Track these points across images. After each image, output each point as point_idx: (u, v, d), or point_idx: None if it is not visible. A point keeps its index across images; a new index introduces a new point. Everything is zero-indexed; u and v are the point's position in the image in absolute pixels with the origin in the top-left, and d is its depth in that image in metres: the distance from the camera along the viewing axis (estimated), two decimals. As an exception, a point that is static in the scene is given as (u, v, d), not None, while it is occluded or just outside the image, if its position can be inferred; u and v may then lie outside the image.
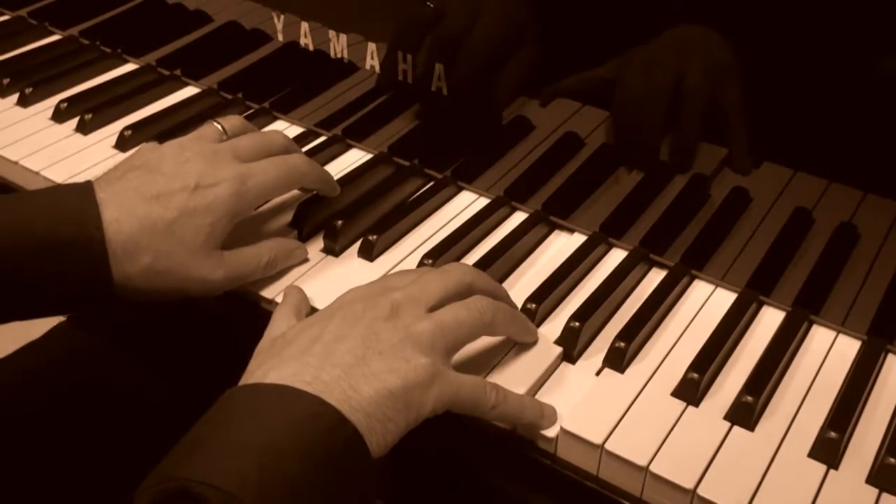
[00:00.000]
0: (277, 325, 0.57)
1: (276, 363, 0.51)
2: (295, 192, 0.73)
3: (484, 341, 0.59)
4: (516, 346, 0.59)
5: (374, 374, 0.50)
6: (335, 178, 0.75)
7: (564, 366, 0.59)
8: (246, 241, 0.65)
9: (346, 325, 0.52)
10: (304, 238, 0.70)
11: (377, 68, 0.77)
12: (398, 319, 0.53)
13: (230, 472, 0.44)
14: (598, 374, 0.58)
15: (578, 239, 0.70)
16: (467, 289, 0.57)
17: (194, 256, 0.60)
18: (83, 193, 0.60)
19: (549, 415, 0.55)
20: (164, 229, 0.59)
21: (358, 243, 0.69)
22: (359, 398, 0.48)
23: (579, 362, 0.59)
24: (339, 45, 0.79)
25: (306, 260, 0.67)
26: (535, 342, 0.60)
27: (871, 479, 0.52)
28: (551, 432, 0.54)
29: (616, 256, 0.69)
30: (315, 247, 0.69)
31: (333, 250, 0.69)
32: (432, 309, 0.54)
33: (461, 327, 0.54)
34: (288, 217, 0.71)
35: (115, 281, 0.59)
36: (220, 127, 0.68)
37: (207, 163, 0.62)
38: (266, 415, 0.47)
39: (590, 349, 0.60)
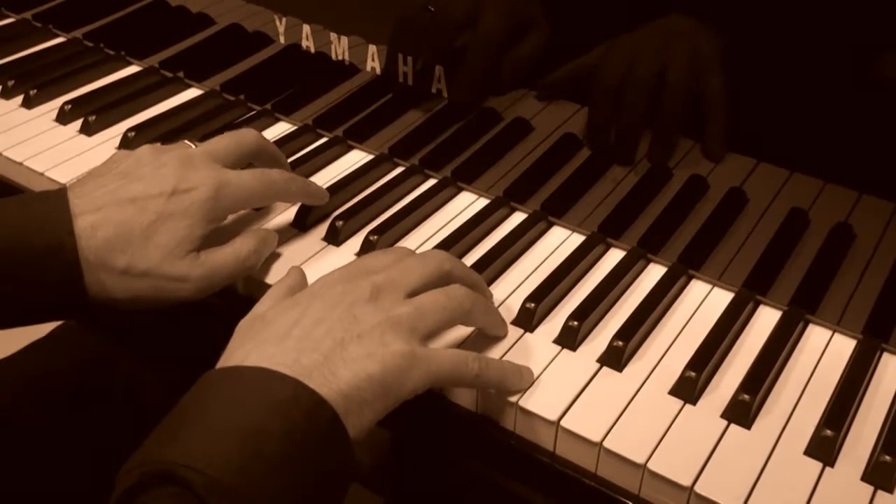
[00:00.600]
0: (264, 303, 0.57)
1: (255, 345, 0.51)
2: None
3: (482, 343, 0.60)
4: (514, 345, 0.60)
5: (353, 359, 0.50)
6: (336, 178, 0.76)
7: (563, 364, 0.59)
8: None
9: (326, 308, 0.52)
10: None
11: (378, 70, 0.78)
12: (378, 303, 0.53)
13: (212, 455, 0.44)
14: (596, 372, 0.59)
15: (577, 239, 0.70)
16: (446, 276, 0.57)
17: (171, 259, 0.59)
18: (56, 200, 0.59)
19: (527, 376, 0.56)
20: (140, 233, 0.58)
21: (359, 243, 0.69)
22: (337, 382, 0.48)
23: (577, 361, 0.60)
24: (340, 47, 0.79)
25: (274, 248, 0.67)
26: (505, 336, 0.60)
27: (867, 477, 0.52)
28: (552, 415, 0.54)
29: (614, 256, 0.69)
30: (316, 238, 0.70)
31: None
32: (411, 295, 0.55)
33: (441, 313, 0.54)
34: (288, 217, 0.71)
35: (90, 288, 0.58)
36: (192, 146, 0.67)
37: (184, 167, 0.61)
38: (247, 397, 0.47)
39: (588, 348, 0.60)
